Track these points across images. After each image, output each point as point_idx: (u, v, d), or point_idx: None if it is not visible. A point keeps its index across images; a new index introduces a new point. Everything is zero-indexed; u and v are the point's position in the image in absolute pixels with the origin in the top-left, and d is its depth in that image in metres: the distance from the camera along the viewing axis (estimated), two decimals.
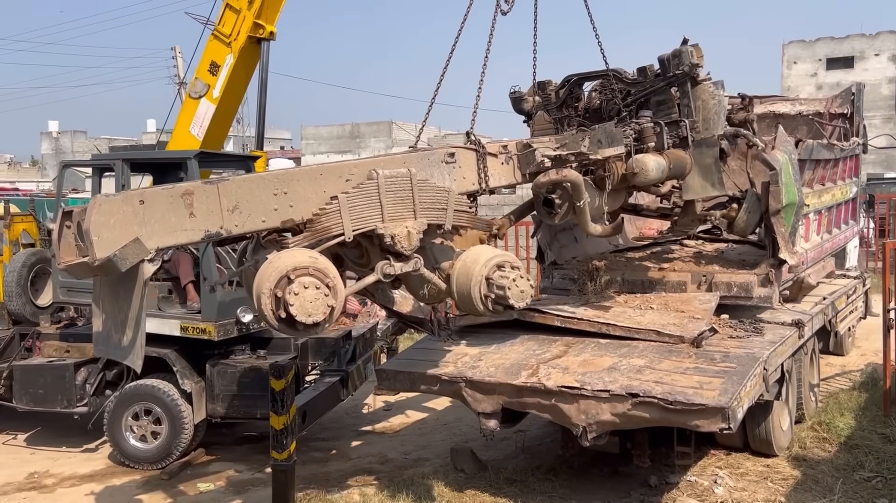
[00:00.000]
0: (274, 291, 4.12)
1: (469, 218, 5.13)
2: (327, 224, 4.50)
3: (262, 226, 4.43)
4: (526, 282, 4.88)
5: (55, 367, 7.79)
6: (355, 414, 9.22)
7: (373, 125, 44.00)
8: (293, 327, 4.22)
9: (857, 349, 10.84)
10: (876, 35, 38.16)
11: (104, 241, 3.85)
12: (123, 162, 7.58)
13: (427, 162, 5.07)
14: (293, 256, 4.25)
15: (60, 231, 4.07)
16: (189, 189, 4.16)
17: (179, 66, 32.42)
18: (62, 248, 4.07)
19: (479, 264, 4.85)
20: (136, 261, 3.92)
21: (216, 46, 9.37)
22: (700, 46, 6.39)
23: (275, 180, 4.42)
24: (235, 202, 4.27)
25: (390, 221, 4.65)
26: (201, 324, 7.14)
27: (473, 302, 4.90)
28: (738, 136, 6.90)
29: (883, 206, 17.97)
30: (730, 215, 7.03)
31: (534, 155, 5.54)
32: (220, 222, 4.23)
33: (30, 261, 8.71)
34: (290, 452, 5.74)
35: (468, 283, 4.84)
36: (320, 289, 4.15)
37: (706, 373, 5.55)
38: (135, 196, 4.02)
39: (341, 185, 4.61)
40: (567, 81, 7.25)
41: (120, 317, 4.24)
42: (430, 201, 4.82)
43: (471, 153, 5.33)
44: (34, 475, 7.49)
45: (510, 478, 6.58)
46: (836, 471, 6.49)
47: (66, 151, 52.56)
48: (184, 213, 4.13)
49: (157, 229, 4.05)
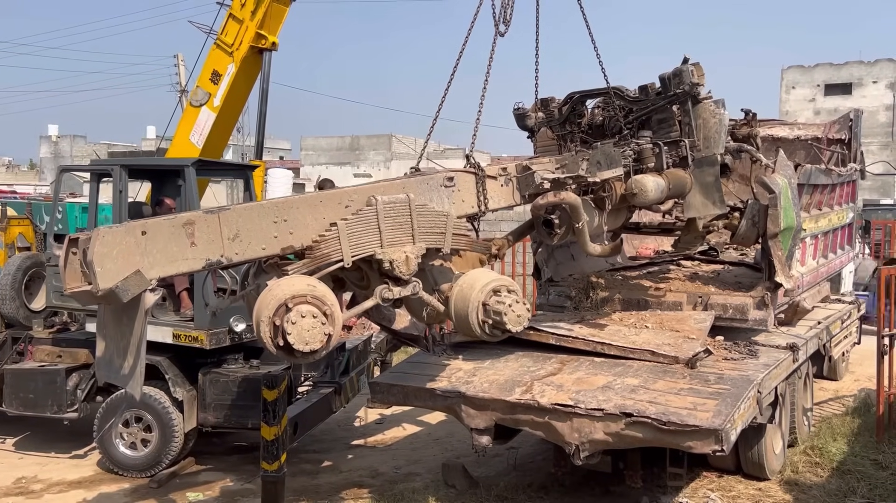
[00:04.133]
0: (272, 319, 4.18)
1: (468, 241, 5.15)
2: (326, 250, 4.55)
3: (263, 253, 4.48)
4: (522, 307, 4.88)
5: (47, 372, 7.75)
6: (347, 426, 9.18)
7: (372, 138, 44.11)
8: (291, 354, 4.28)
9: (851, 374, 10.85)
10: (874, 62, 38.50)
11: (107, 271, 3.91)
12: (122, 168, 7.57)
13: (426, 186, 5.09)
14: (292, 284, 4.30)
15: (66, 257, 4.10)
16: (190, 219, 4.21)
17: (181, 73, 32.52)
18: (68, 274, 4.11)
19: (475, 290, 4.86)
20: (137, 292, 4.00)
21: (218, 55, 9.41)
22: (701, 65, 6.44)
23: (275, 208, 4.47)
24: (236, 230, 4.32)
25: (389, 247, 4.69)
26: (193, 331, 7.11)
27: (471, 327, 4.92)
28: (741, 151, 6.94)
29: (878, 232, 18.04)
30: (732, 224, 7.05)
31: (532, 177, 5.56)
32: (221, 250, 4.28)
33: (25, 264, 8.67)
34: (281, 463, 5.71)
35: (465, 309, 4.87)
36: (317, 317, 4.21)
37: (700, 394, 5.55)
38: (137, 227, 4.08)
39: (341, 212, 4.65)
40: (570, 98, 7.29)
41: (122, 343, 4.30)
42: (428, 226, 4.85)
43: (470, 176, 5.35)
44: (22, 480, 7.43)
45: (501, 496, 6.54)
46: (827, 496, 6.47)
47: (65, 156, 52.57)
48: (185, 242, 4.18)
49: (158, 259, 4.11)
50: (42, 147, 58.01)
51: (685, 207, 6.73)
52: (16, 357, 8.25)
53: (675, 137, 6.48)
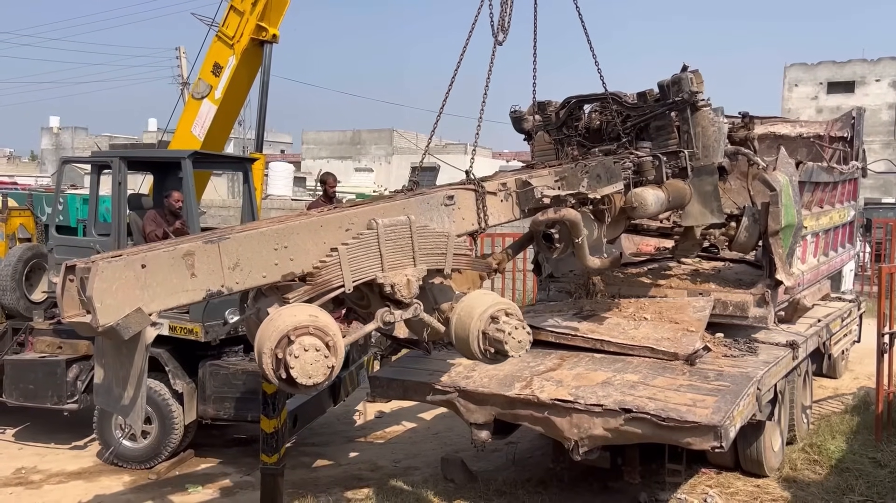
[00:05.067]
0: (275, 352, 4.11)
1: (468, 261, 5.09)
2: (328, 277, 4.47)
3: (264, 281, 4.41)
4: (523, 332, 4.80)
5: (47, 363, 7.76)
6: (346, 420, 9.19)
7: (374, 132, 44.09)
8: (294, 386, 4.22)
9: (850, 372, 10.85)
10: (878, 61, 38.40)
11: (107, 307, 3.84)
12: (121, 160, 7.58)
13: (426, 206, 5.04)
14: (294, 314, 4.21)
15: (64, 285, 4.04)
16: (190, 250, 4.13)
17: (183, 66, 32.53)
18: (65, 303, 4.05)
19: (473, 318, 4.78)
20: (138, 329, 3.93)
21: (219, 48, 9.40)
22: (700, 73, 6.39)
23: (275, 235, 4.40)
24: (236, 259, 4.26)
25: (390, 270, 4.63)
26: (189, 324, 7.12)
27: (474, 355, 4.87)
28: (738, 154, 6.91)
29: (879, 230, 18.03)
30: (729, 233, 7.04)
31: (532, 192, 5.52)
32: (222, 280, 4.21)
33: (25, 255, 8.68)
34: (280, 456, 5.72)
35: (466, 337, 4.81)
36: (320, 350, 4.14)
37: (700, 390, 5.55)
38: (136, 261, 3.99)
39: (341, 236, 4.59)
40: (567, 103, 7.26)
41: (122, 373, 4.23)
42: (429, 247, 4.80)
43: (470, 193, 5.30)
44: (21, 471, 7.45)
45: (500, 490, 6.56)
46: (825, 493, 6.48)
47: (67, 147, 52.53)
48: (185, 273, 4.11)
49: (158, 292, 4.04)
50: (43, 138, 57.96)
51: (683, 215, 6.71)
52: (16, 348, 8.26)
53: (672, 146, 6.44)
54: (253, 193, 8.58)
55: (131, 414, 4.21)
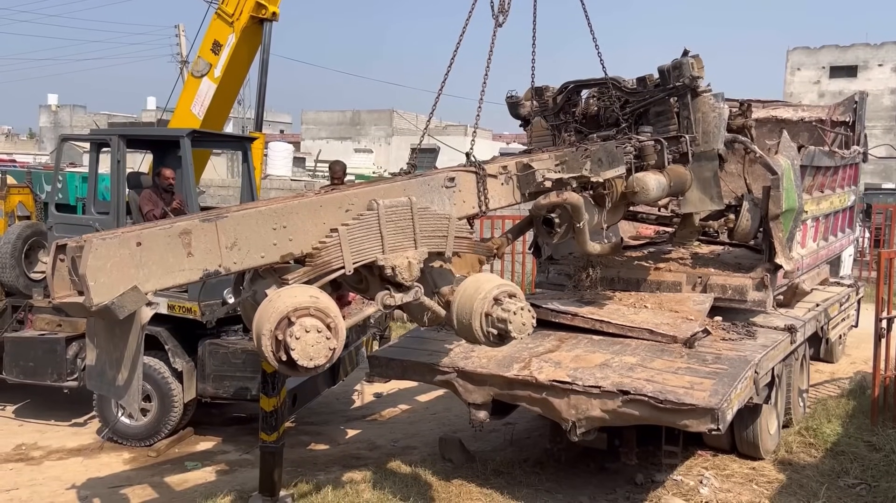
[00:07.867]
0: (275, 333, 4.02)
1: (469, 244, 5.05)
2: (327, 258, 4.40)
3: (262, 261, 4.33)
4: (527, 314, 4.74)
5: (46, 341, 7.78)
6: (345, 399, 9.23)
7: (374, 113, 43.92)
8: (294, 369, 4.15)
9: (847, 357, 10.89)
10: (881, 45, 38.22)
11: (101, 286, 3.72)
12: (120, 138, 7.55)
13: (427, 188, 5.00)
14: (294, 295, 4.12)
15: (54, 264, 3.90)
16: (187, 228, 4.03)
17: (182, 44, 32.29)
18: (56, 283, 3.92)
19: (476, 300, 4.70)
20: (134, 308, 3.82)
21: (219, 25, 9.33)
22: (700, 58, 6.34)
23: (273, 214, 4.31)
24: (234, 239, 4.17)
25: (391, 252, 4.57)
26: (187, 303, 7.13)
27: (475, 337, 4.79)
28: (735, 141, 6.88)
29: (879, 216, 18.03)
30: (728, 225, 7.02)
31: (534, 176, 5.48)
32: (219, 260, 4.13)
33: (25, 233, 8.67)
34: (279, 435, 5.75)
35: (468, 318, 4.73)
36: (322, 332, 4.06)
37: (697, 373, 5.57)
38: (131, 238, 3.88)
39: (341, 216, 4.52)
40: (565, 88, 7.21)
41: (115, 354, 4.12)
42: (430, 230, 4.74)
43: (470, 176, 5.26)
44: (22, 447, 7.49)
45: (497, 470, 6.60)
46: (821, 476, 6.53)
47: (65, 125, 52.38)
48: (182, 252, 4.01)
49: (154, 271, 3.93)
50: (41, 116, 57.76)
51: (682, 202, 6.68)
52: (16, 325, 8.28)
53: (672, 131, 6.40)
54: (252, 173, 8.55)
55: (126, 396, 4.11)
